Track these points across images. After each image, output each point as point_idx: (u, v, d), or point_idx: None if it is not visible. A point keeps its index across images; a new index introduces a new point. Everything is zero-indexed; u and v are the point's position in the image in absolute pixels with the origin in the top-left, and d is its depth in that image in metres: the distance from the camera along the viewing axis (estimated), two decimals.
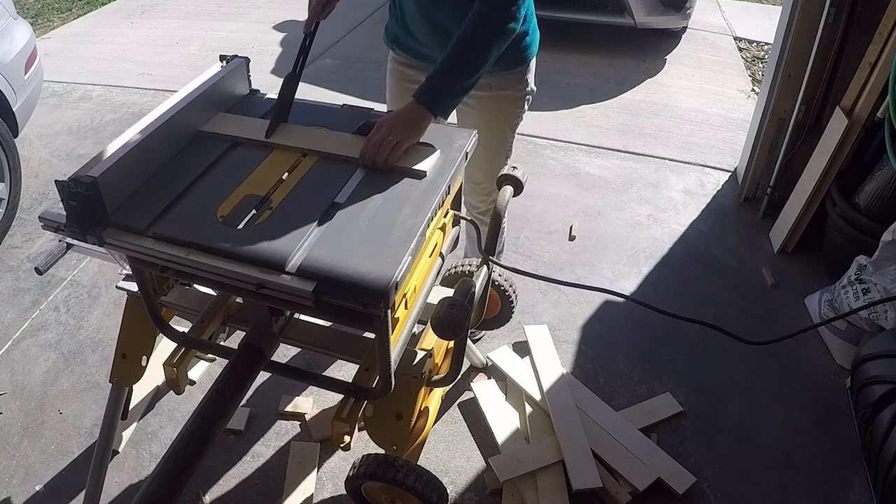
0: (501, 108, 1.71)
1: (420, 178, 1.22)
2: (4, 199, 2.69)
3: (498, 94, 1.67)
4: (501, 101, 1.70)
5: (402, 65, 1.74)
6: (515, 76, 1.66)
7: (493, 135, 1.73)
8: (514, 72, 1.65)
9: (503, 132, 1.77)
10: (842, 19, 2.31)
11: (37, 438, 1.94)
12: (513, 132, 1.79)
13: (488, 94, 1.65)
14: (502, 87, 1.66)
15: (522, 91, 1.70)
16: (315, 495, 1.78)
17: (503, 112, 1.72)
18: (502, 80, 1.64)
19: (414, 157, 1.26)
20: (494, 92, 1.66)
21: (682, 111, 3.75)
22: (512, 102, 1.71)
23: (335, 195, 1.17)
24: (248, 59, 1.50)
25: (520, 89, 1.69)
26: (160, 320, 1.38)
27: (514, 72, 1.64)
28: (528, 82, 1.70)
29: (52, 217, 1.13)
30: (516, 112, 1.74)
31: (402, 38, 1.67)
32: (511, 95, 1.69)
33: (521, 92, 1.70)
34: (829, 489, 1.82)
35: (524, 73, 1.67)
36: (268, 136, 1.31)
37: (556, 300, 2.42)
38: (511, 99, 1.70)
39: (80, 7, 5.35)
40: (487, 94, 1.65)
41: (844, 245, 2.32)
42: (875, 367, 1.72)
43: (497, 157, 1.79)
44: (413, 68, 1.71)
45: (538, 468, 1.79)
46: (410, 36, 1.64)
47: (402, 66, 1.75)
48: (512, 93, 1.69)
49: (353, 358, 1.37)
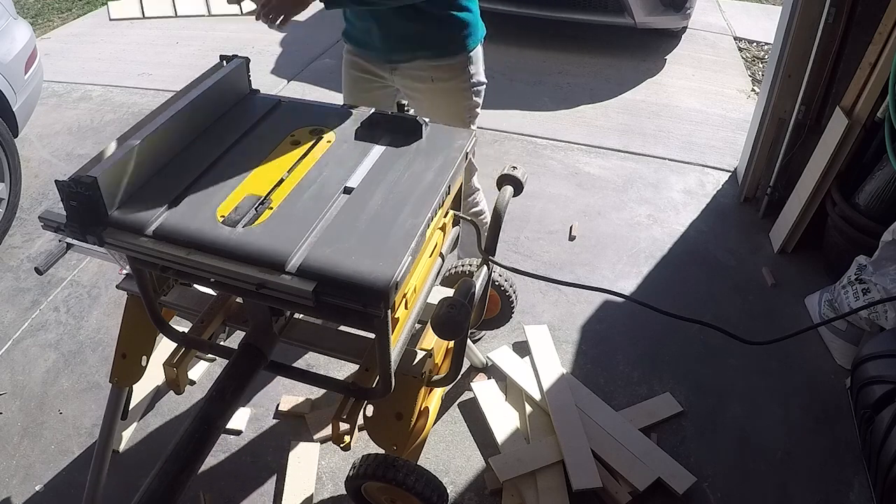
0: (448, 100, 1.76)
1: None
2: (4, 199, 2.69)
3: (441, 87, 1.72)
4: (447, 94, 1.74)
5: (351, 54, 1.84)
6: (456, 67, 1.70)
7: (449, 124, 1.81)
8: (454, 62, 1.69)
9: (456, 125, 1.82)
10: (842, 19, 2.31)
11: (37, 438, 1.94)
12: (467, 125, 1.82)
13: (431, 86, 1.71)
14: (444, 79, 1.71)
15: (467, 83, 1.73)
16: (315, 495, 1.78)
17: (450, 104, 1.77)
18: (442, 71, 1.69)
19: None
20: (437, 84, 1.71)
21: (682, 111, 3.75)
22: (457, 94, 1.74)
23: (336, 194, 1.18)
24: (248, 59, 1.50)
25: (462, 80, 1.72)
26: (160, 320, 1.38)
27: (453, 62, 1.69)
28: (471, 74, 1.73)
29: (52, 217, 1.13)
30: (466, 105, 1.78)
31: (349, 30, 1.78)
32: (454, 87, 1.73)
33: (466, 83, 1.73)
34: (829, 489, 1.82)
35: (465, 64, 1.71)
36: None
37: (556, 300, 2.42)
38: (455, 90, 1.74)
39: (80, 7, 5.35)
40: (430, 87, 1.71)
41: (844, 245, 2.32)
42: (875, 367, 1.72)
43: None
44: (360, 58, 1.81)
45: (538, 468, 1.79)
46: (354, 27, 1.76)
47: (351, 56, 1.84)
48: (455, 84, 1.72)
49: (353, 358, 1.37)
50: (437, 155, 1.29)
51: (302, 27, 4.79)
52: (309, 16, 5.08)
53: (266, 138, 1.34)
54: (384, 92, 1.84)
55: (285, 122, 1.40)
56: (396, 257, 1.04)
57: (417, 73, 1.71)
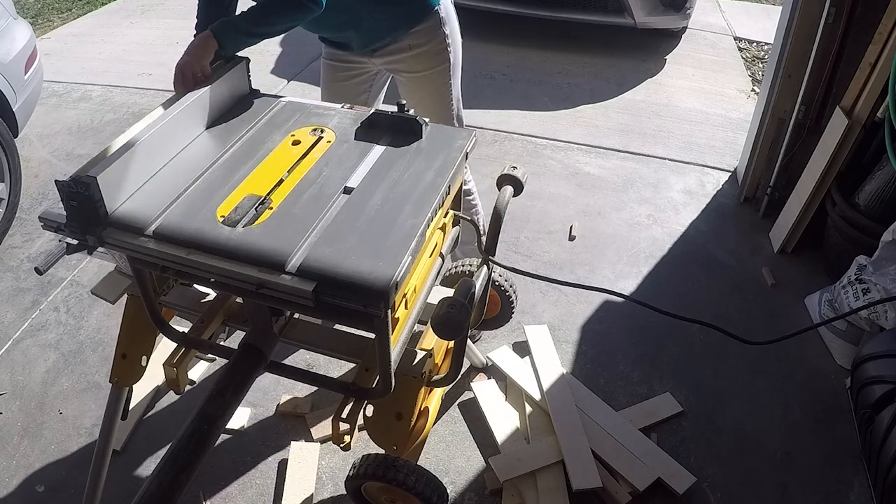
0: (427, 63, 1.83)
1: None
2: (4, 199, 2.69)
3: (418, 52, 1.79)
4: (424, 57, 1.81)
5: (327, 57, 1.93)
6: (428, 31, 1.77)
7: (434, 88, 1.88)
8: (425, 26, 1.76)
9: (439, 83, 1.88)
10: (842, 19, 2.31)
11: (37, 438, 1.94)
12: (448, 89, 1.89)
13: (410, 53, 1.79)
14: (421, 45, 1.78)
15: (443, 44, 1.80)
16: (315, 495, 1.78)
17: (430, 66, 1.83)
18: (416, 37, 1.76)
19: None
20: (415, 51, 1.79)
21: (682, 111, 3.75)
22: (436, 56, 1.82)
23: (336, 194, 1.18)
24: (248, 59, 1.50)
25: (438, 42, 1.79)
26: (160, 320, 1.38)
27: (424, 27, 1.76)
28: (445, 34, 1.80)
29: (52, 217, 1.13)
30: (447, 65, 1.85)
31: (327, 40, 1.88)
32: (431, 50, 1.80)
33: (441, 45, 1.80)
34: (829, 489, 1.82)
35: (438, 27, 1.77)
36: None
37: (556, 300, 2.42)
38: (433, 53, 1.81)
39: (80, 7, 5.35)
40: (409, 55, 1.79)
41: (844, 245, 2.32)
42: (875, 367, 1.72)
43: (445, 108, 1.90)
44: (337, 59, 1.90)
45: (538, 468, 1.79)
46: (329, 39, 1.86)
47: (327, 59, 1.93)
48: (431, 47, 1.79)
49: (353, 358, 1.37)
50: (437, 155, 1.29)
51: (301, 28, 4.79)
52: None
53: (266, 138, 1.34)
54: (364, 77, 1.93)
55: (285, 122, 1.40)
56: (396, 257, 1.04)
57: (396, 45, 1.79)
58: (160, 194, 1.17)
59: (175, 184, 1.20)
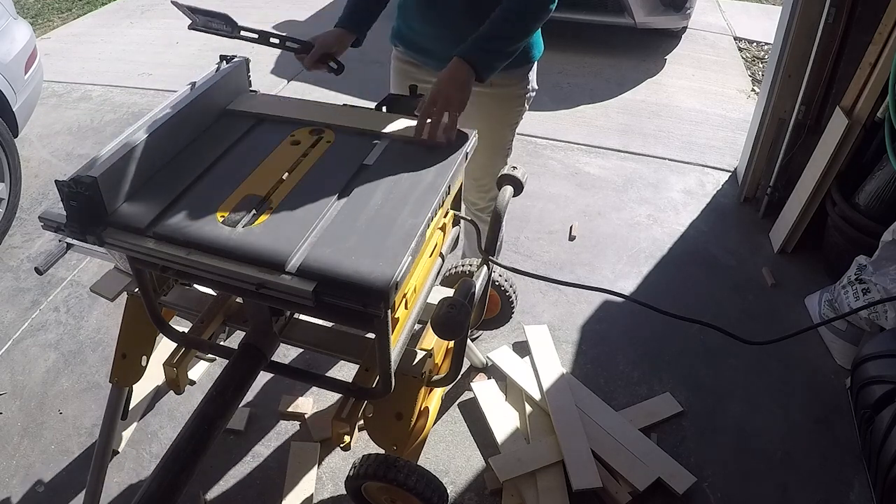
0: (502, 105, 1.72)
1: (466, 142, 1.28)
2: (4, 199, 2.69)
3: (499, 92, 1.67)
4: (502, 99, 1.70)
5: (404, 63, 1.76)
6: (518, 75, 1.67)
7: (493, 133, 1.73)
8: (518, 70, 1.65)
9: (503, 130, 1.77)
10: (842, 19, 2.31)
11: (37, 438, 1.94)
12: (513, 131, 1.80)
13: (489, 90, 1.64)
14: (504, 85, 1.66)
15: (524, 90, 1.71)
16: (315, 495, 1.78)
17: (503, 110, 1.73)
18: (505, 77, 1.63)
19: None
20: (496, 89, 1.65)
21: (682, 111, 3.75)
22: (512, 100, 1.72)
23: (336, 194, 1.17)
24: (248, 60, 1.50)
25: (521, 87, 1.70)
26: (160, 320, 1.38)
27: (517, 70, 1.65)
28: (529, 80, 1.71)
29: (52, 217, 1.13)
30: (517, 110, 1.75)
31: (406, 34, 1.69)
32: (512, 93, 1.70)
33: (523, 90, 1.71)
34: (829, 489, 1.82)
35: (527, 72, 1.68)
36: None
37: (556, 300, 2.42)
38: (512, 97, 1.70)
39: (80, 7, 5.35)
40: (488, 91, 1.64)
41: (844, 245, 2.32)
42: (875, 367, 1.72)
43: (496, 156, 1.79)
44: (414, 65, 1.73)
45: (538, 468, 1.78)
46: (413, 31, 1.66)
47: (404, 64, 1.76)
48: (513, 91, 1.69)
49: (353, 358, 1.37)
50: (437, 155, 1.29)
51: (302, 27, 4.79)
52: (309, 16, 5.09)
53: (266, 138, 1.34)
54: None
55: (285, 122, 1.40)
56: (396, 257, 1.04)
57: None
58: (160, 194, 1.17)
59: (175, 184, 1.20)
